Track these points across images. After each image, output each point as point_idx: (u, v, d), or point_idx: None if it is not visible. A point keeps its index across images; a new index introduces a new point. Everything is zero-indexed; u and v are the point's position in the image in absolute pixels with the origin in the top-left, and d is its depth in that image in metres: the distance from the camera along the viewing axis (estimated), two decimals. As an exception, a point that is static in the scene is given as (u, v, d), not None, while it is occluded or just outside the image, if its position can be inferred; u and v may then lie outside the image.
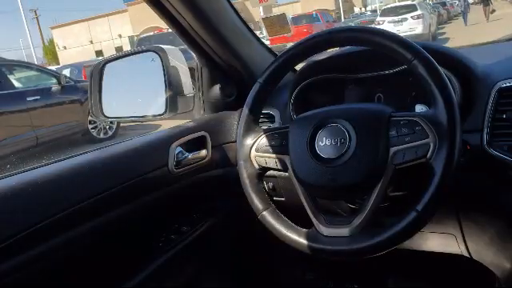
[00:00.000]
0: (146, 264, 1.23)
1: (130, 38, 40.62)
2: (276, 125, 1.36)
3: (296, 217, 0.99)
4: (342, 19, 30.45)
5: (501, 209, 1.13)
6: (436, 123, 0.85)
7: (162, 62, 1.39)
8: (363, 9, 46.62)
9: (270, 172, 1.07)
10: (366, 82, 1.26)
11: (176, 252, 1.30)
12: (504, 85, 1.04)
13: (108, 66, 1.44)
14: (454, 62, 1.12)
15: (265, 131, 1.04)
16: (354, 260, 0.95)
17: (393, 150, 0.88)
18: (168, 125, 1.43)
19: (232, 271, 1.63)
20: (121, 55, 1.47)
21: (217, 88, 1.46)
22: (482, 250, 1.33)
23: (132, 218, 1.16)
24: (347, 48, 1.24)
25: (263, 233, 1.01)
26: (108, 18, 48.91)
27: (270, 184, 1.37)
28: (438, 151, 0.83)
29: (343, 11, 36.82)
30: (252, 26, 1.49)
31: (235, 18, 1.37)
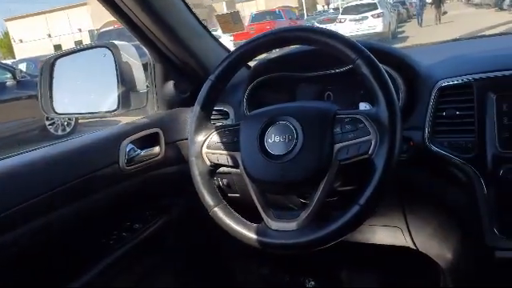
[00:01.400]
0: (95, 263, 1.22)
1: (90, 32, 39.59)
2: (230, 122, 1.37)
3: (251, 212, 1.00)
4: (305, 16, 30.70)
5: (442, 202, 1.18)
6: (377, 121, 0.88)
7: (114, 57, 1.37)
8: (326, 6, 47.19)
9: (224, 169, 1.08)
10: (316, 80, 1.29)
11: (127, 250, 1.29)
12: (444, 84, 1.09)
13: (59, 61, 1.42)
14: (398, 61, 1.16)
15: (216, 128, 1.05)
16: (301, 253, 0.98)
17: (337, 146, 0.91)
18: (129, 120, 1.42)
19: (187, 268, 1.63)
20: (72, 51, 1.44)
21: (171, 84, 1.45)
22: (427, 242, 1.39)
23: (82, 216, 1.14)
24: (299, 47, 1.26)
25: (217, 229, 1.02)
26: (67, 11, 47.48)
27: (225, 181, 1.38)
28: (379, 147, 0.87)
29: (306, 8, 37.19)
30: (215, 20, 1.50)
31: (188, 14, 1.37)
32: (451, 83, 1.09)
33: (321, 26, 16.54)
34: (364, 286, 1.81)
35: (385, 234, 1.47)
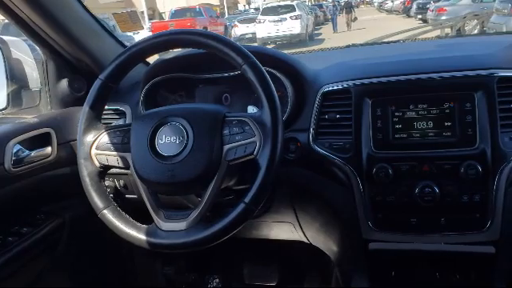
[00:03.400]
0: None
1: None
2: (128, 122, 1.35)
3: (149, 213, 1.00)
4: (226, 15, 30.76)
5: (326, 199, 1.26)
6: (261, 123, 0.93)
7: (2, 53, 1.31)
8: (247, 6, 47.62)
9: (118, 170, 1.07)
10: (214, 82, 1.32)
11: (13, 255, 1.23)
12: (327, 89, 1.17)
13: None
14: (288, 67, 1.23)
15: (106, 128, 1.04)
16: (191, 251, 0.99)
17: (226, 147, 0.94)
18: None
19: (82, 270, 1.59)
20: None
21: (64, 82, 1.40)
22: (316, 236, 1.48)
23: None
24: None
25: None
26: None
27: (122, 182, 1.36)
28: (262, 149, 0.91)
29: (227, 7, 37.32)
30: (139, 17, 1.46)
31: (81, 10, 1.33)
32: (333, 88, 1.17)
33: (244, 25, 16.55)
34: (265, 279, 1.88)
35: (280, 229, 1.54)
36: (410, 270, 1.23)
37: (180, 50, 1.25)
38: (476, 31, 9.47)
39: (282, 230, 1.52)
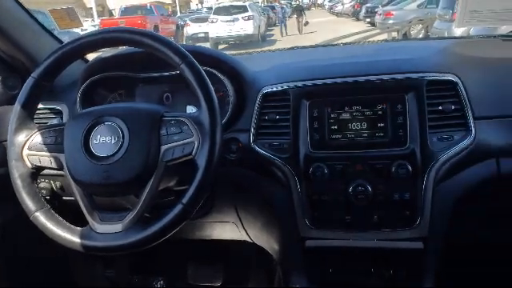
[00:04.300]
0: None
1: None
2: (65, 121, 1.31)
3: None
4: (178, 14, 30.36)
5: (267, 199, 1.28)
6: (199, 124, 0.93)
7: None
8: (200, 5, 47.24)
9: (54, 171, 1.04)
10: (155, 81, 1.31)
11: None
12: (267, 90, 1.19)
13: None
14: (228, 67, 1.24)
15: (39, 128, 1.01)
16: (130, 253, 0.98)
17: (163, 147, 0.94)
18: None
19: (19, 276, 1.53)
20: None
21: None
22: (259, 235, 1.50)
23: None
24: None
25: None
26: None
27: (58, 183, 1.33)
28: (200, 149, 0.92)
29: (179, 6, 36.86)
30: (83, 13, 1.41)
31: (14, 6, 1.28)
32: (272, 90, 1.19)
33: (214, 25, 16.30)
34: (210, 280, 1.88)
35: (223, 229, 1.55)
36: (346, 266, 1.27)
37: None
38: (421, 35, 9.86)
39: (226, 229, 1.53)
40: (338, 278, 1.27)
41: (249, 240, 1.53)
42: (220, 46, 15.36)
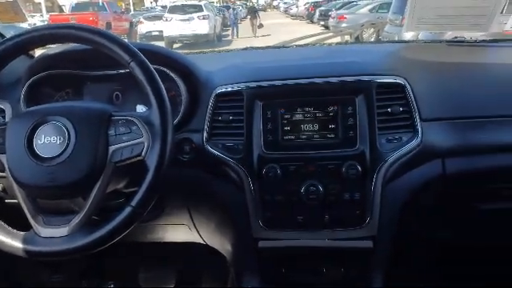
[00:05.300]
0: None
1: None
2: (7, 121, 1.25)
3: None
4: (132, 11, 29.78)
5: (220, 200, 1.28)
6: (150, 123, 0.91)
7: None
8: (154, 3, 46.58)
9: None
10: (104, 79, 1.27)
11: None
12: (220, 90, 1.19)
13: None
14: (180, 66, 1.22)
15: None
16: (76, 257, 0.95)
17: (112, 148, 0.91)
18: None
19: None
20: None
21: None
22: (212, 237, 1.49)
23: None
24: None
25: None
26: None
27: (0, 186, 1.27)
28: (151, 150, 0.90)
29: (133, 3, 36.17)
30: (31, 8, 1.34)
31: None
32: (226, 90, 1.18)
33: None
34: (162, 283, 1.85)
35: (176, 231, 1.53)
36: (299, 266, 1.28)
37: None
38: (373, 39, 10.14)
39: (178, 232, 1.51)
40: (291, 278, 1.29)
41: (202, 242, 1.52)
42: (175, 45, 15.18)
